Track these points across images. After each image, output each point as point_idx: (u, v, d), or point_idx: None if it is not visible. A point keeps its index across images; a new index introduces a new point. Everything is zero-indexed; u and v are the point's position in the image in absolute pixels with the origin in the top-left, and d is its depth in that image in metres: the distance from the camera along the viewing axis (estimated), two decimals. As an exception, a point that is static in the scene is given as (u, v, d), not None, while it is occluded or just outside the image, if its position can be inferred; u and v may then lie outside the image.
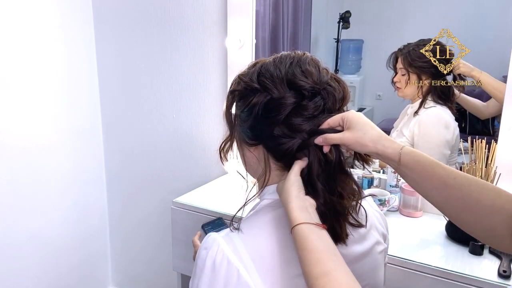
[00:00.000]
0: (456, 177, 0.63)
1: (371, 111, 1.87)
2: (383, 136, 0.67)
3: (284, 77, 0.68)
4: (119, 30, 1.85)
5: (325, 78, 0.69)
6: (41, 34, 1.70)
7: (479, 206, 0.61)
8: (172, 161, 1.88)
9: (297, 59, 0.71)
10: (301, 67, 0.69)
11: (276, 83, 0.68)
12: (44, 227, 1.83)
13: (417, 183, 0.66)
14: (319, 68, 0.71)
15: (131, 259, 2.14)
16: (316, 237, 0.61)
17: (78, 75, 1.88)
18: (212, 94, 1.72)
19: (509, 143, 1.20)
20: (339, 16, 1.77)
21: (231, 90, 0.75)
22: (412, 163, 0.65)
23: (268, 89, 0.68)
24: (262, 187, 0.74)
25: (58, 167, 1.85)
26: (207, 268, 0.66)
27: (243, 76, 0.73)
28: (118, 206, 2.10)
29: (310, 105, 0.67)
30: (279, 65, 0.70)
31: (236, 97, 0.73)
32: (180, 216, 1.47)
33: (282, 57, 0.72)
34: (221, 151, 0.77)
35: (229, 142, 0.77)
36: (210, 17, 1.64)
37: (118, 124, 1.98)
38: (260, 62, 0.74)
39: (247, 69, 0.75)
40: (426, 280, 1.06)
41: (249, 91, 0.70)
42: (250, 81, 0.71)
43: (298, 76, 0.68)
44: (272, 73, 0.69)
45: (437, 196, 0.65)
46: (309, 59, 0.72)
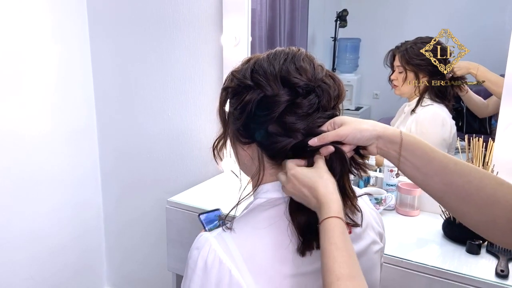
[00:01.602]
0: (457, 163, 0.62)
1: (368, 110, 1.86)
2: (378, 122, 0.66)
3: (278, 74, 0.67)
4: (113, 28, 1.84)
5: (319, 75, 0.68)
6: (35, 33, 1.69)
7: (480, 195, 0.60)
8: (167, 160, 1.87)
9: (291, 55, 0.69)
10: (295, 63, 0.68)
11: (270, 80, 0.67)
12: (38, 227, 1.82)
13: (418, 169, 0.64)
14: (314, 65, 0.69)
15: (126, 259, 2.13)
16: (348, 238, 0.60)
17: (73, 74, 1.87)
18: (208, 92, 1.71)
19: (506, 142, 1.19)
20: (336, 14, 1.76)
21: (224, 87, 0.73)
22: (413, 145, 0.63)
23: (262, 86, 0.67)
24: (255, 186, 0.73)
25: (53, 167, 1.84)
26: (199, 268, 0.64)
27: (237, 72, 0.72)
28: (113, 206, 2.08)
29: (304, 103, 0.66)
30: (273, 62, 0.69)
31: (230, 94, 0.72)
32: (175, 216, 1.46)
33: (276, 53, 0.71)
34: (214, 149, 0.76)
35: (223, 140, 0.76)
36: (206, 15, 1.63)
37: (113, 123, 1.97)
38: (254, 58, 0.72)
39: (241, 65, 0.73)
40: (423, 279, 1.05)
41: (242, 88, 0.69)
42: (243, 78, 0.69)
43: (292, 73, 0.67)
44: (265, 70, 0.68)
45: (438, 182, 0.62)
46: (304, 55, 0.70)
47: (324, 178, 0.63)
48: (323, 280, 0.58)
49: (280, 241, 0.66)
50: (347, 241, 0.59)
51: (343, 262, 0.57)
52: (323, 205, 0.61)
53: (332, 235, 0.58)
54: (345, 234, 0.60)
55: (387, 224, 1.22)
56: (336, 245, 0.58)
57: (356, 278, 0.57)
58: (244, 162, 0.75)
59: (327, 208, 0.60)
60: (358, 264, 0.58)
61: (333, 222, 0.59)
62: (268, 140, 0.68)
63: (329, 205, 0.61)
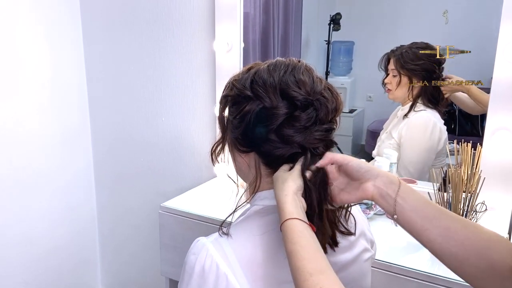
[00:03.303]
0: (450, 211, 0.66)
1: (362, 112, 1.87)
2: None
3: (277, 86, 0.68)
4: (107, 32, 1.84)
5: (318, 88, 0.69)
6: (29, 35, 1.69)
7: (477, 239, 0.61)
8: (160, 165, 1.87)
9: (291, 67, 0.70)
10: (295, 76, 0.69)
11: (269, 92, 0.68)
12: (32, 231, 1.82)
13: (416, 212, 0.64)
14: (313, 78, 0.70)
15: (121, 263, 2.13)
16: (310, 235, 0.60)
17: (67, 77, 1.87)
18: (201, 97, 1.71)
19: (493, 147, 1.20)
20: (330, 17, 1.77)
21: (224, 94, 0.74)
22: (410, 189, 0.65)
23: (261, 98, 0.68)
24: (252, 193, 0.74)
25: (46, 170, 1.84)
26: (196, 273, 0.65)
27: (236, 81, 0.72)
28: (107, 209, 2.08)
29: (302, 117, 0.67)
30: (273, 73, 0.69)
31: (229, 102, 0.73)
32: (168, 221, 1.46)
33: (277, 64, 0.71)
34: (212, 153, 0.77)
35: (221, 145, 0.77)
36: (198, 20, 1.63)
37: (107, 127, 1.97)
38: (254, 67, 0.73)
39: (241, 73, 0.74)
40: (412, 284, 1.05)
41: (242, 98, 0.70)
42: (243, 88, 0.70)
43: (291, 85, 0.67)
44: (265, 81, 0.69)
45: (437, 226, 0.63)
46: (304, 67, 0.71)
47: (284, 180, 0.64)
48: (295, 281, 0.58)
49: (276, 247, 0.66)
50: (310, 238, 0.60)
51: (311, 258, 0.57)
52: (279, 209, 0.63)
53: (292, 236, 0.59)
54: (306, 231, 0.60)
55: (377, 229, 1.22)
56: (299, 244, 0.58)
57: (327, 271, 0.57)
58: (241, 169, 0.76)
59: (282, 212, 0.62)
60: (325, 258, 0.59)
61: (290, 223, 0.60)
62: (265, 148, 0.69)
63: (283, 208, 0.62)
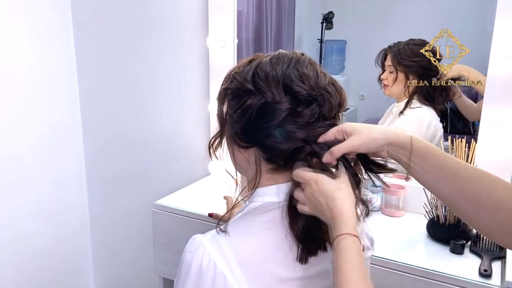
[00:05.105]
0: (467, 168, 0.62)
1: (355, 111, 1.87)
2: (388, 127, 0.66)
3: (280, 80, 0.65)
4: (98, 29, 1.82)
5: (322, 83, 0.67)
6: (19, 34, 1.66)
7: (489, 200, 0.60)
8: (154, 162, 1.85)
9: (295, 61, 0.68)
10: (298, 70, 0.66)
11: (271, 86, 0.65)
12: (22, 230, 1.79)
13: (428, 174, 0.64)
14: (317, 72, 0.68)
15: (113, 262, 2.11)
16: (362, 257, 0.59)
17: (57, 75, 1.85)
18: (194, 94, 1.70)
19: (488, 143, 1.21)
20: (322, 16, 1.77)
21: (224, 87, 0.71)
22: (423, 151, 0.63)
23: (263, 92, 0.65)
24: (252, 189, 0.72)
25: (37, 168, 1.82)
26: (193, 271, 0.64)
27: (237, 74, 0.69)
28: (99, 207, 2.06)
29: (305, 113, 0.65)
30: (276, 66, 0.67)
31: (229, 95, 0.70)
32: (162, 219, 1.45)
33: (280, 57, 0.69)
34: (210, 147, 0.75)
35: (219, 139, 0.74)
36: (191, 16, 1.62)
37: (99, 125, 1.95)
38: (256, 59, 0.70)
39: (242, 66, 0.71)
40: (407, 279, 1.06)
41: (243, 91, 0.67)
42: (244, 81, 0.67)
43: (295, 80, 0.65)
44: (267, 74, 0.66)
45: (448, 188, 0.63)
46: (308, 61, 0.69)
47: (344, 192, 0.62)
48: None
49: (276, 245, 0.65)
50: (362, 260, 0.58)
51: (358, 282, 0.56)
52: (338, 219, 0.60)
53: (348, 253, 0.57)
54: (360, 253, 0.58)
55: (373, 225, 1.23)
56: (352, 264, 0.56)
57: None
58: (241, 164, 0.74)
59: (343, 223, 0.59)
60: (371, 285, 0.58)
61: (350, 239, 0.58)
62: (267, 143, 0.67)
63: (344, 220, 0.59)
